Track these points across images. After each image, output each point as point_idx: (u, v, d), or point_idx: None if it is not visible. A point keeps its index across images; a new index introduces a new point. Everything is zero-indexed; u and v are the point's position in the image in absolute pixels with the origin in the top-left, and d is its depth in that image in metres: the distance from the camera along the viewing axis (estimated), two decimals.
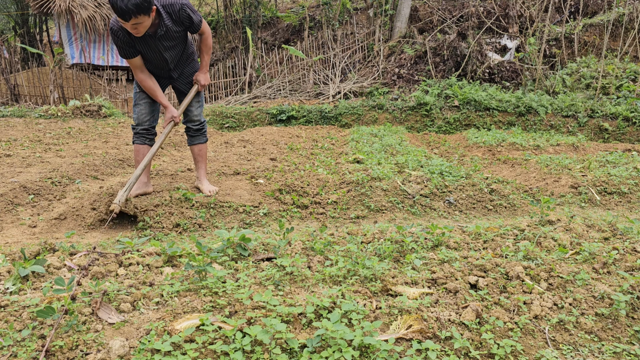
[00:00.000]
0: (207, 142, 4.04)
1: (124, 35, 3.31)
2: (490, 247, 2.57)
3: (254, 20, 13.25)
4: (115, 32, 3.30)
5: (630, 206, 4.20)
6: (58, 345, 1.54)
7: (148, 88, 3.56)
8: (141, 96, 3.72)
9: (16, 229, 3.27)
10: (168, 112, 3.62)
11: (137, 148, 3.79)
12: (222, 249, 2.38)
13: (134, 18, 3.04)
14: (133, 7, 2.98)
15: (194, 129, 3.93)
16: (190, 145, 4.00)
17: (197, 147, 3.99)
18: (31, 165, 4.94)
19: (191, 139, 3.98)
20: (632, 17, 10.63)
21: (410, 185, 4.19)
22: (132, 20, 3.06)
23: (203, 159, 4.03)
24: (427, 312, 1.82)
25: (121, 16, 3.03)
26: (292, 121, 9.24)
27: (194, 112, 3.88)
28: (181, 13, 3.37)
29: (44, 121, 8.57)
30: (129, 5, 2.96)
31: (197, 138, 3.96)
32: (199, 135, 3.96)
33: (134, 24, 3.10)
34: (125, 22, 3.08)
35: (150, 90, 3.57)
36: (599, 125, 8.20)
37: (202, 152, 4.00)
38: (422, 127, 8.88)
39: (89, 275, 2.10)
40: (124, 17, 3.03)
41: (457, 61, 10.51)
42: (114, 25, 3.30)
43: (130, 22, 3.08)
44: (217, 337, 1.58)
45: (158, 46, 3.45)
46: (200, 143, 3.98)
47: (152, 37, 3.37)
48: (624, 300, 1.91)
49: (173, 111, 3.62)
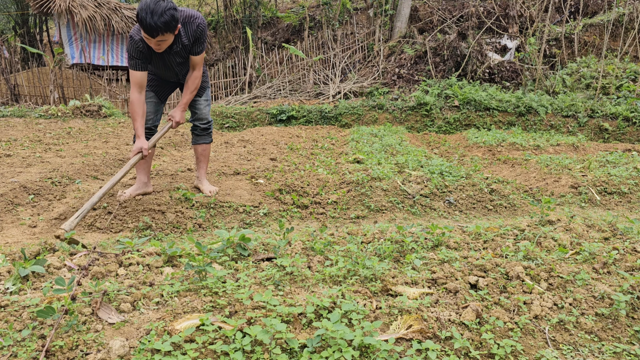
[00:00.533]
0: (211, 142, 4.05)
1: (143, 46, 3.32)
2: (490, 247, 2.57)
3: (254, 20, 13.26)
4: (135, 42, 3.30)
5: (630, 206, 4.20)
6: (58, 345, 1.54)
7: (134, 111, 3.42)
8: (147, 95, 3.72)
9: (16, 229, 3.27)
10: (138, 141, 3.40)
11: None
12: (222, 249, 2.38)
13: (161, 35, 3.09)
14: (162, 25, 3.02)
15: (200, 128, 3.94)
16: (194, 144, 4.00)
17: (202, 147, 3.99)
18: (31, 165, 4.94)
19: (196, 138, 3.98)
20: (632, 17, 10.63)
21: (410, 185, 4.19)
22: (159, 37, 3.11)
23: (205, 159, 4.03)
24: (427, 312, 1.82)
25: (149, 33, 3.06)
26: (292, 121, 9.24)
27: (202, 110, 3.88)
28: (196, 30, 3.39)
29: (44, 121, 8.57)
30: (159, 23, 3.00)
31: (202, 138, 3.97)
32: (205, 135, 3.97)
33: (159, 41, 3.15)
34: (151, 38, 3.11)
35: (133, 114, 3.42)
36: (599, 125, 8.20)
37: (205, 152, 4.01)
38: (422, 127, 8.88)
39: (89, 275, 2.10)
40: (152, 34, 3.06)
41: (457, 61, 10.51)
42: (135, 35, 3.30)
43: (156, 39, 3.12)
44: (217, 337, 1.58)
45: (171, 61, 3.50)
46: (205, 143, 3.98)
47: (167, 52, 3.41)
48: (624, 300, 1.91)
49: (143, 142, 3.41)
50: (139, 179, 3.83)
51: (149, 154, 3.79)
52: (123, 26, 12.27)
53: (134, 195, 3.72)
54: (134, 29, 3.33)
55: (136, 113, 3.43)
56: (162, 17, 3.00)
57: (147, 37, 3.13)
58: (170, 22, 3.04)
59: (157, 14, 2.98)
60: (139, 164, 3.77)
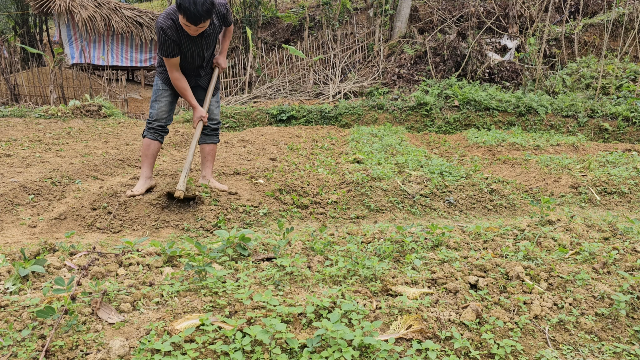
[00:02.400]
0: (218, 143, 4.13)
1: (174, 34, 3.42)
2: (490, 247, 2.57)
3: (254, 20, 13.25)
4: (165, 31, 3.39)
5: (630, 206, 4.20)
6: (58, 345, 1.54)
7: (181, 87, 3.67)
8: (164, 93, 3.80)
9: (16, 229, 3.27)
10: (197, 112, 3.75)
11: (148, 142, 3.84)
12: (222, 249, 2.38)
13: (202, 22, 3.25)
14: (205, 13, 3.20)
15: (211, 128, 4.02)
16: (202, 143, 4.06)
17: (210, 147, 4.06)
18: (31, 165, 4.94)
19: (205, 137, 4.04)
20: (632, 17, 10.63)
21: (410, 185, 4.19)
22: (200, 24, 3.26)
23: (212, 158, 4.11)
24: (427, 312, 1.82)
25: (192, 21, 3.22)
26: (292, 121, 9.24)
27: (214, 111, 3.99)
28: (222, 9, 3.60)
29: (44, 121, 8.57)
30: (202, 12, 3.18)
31: (211, 137, 4.05)
32: (214, 135, 4.06)
33: (200, 27, 3.31)
34: (193, 25, 3.26)
35: (182, 90, 3.68)
36: (599, 125, 8.20)
37: (212, 152, 4.09)
38: (422, 127, 8.88)
39: (89, 275, 2.10)
40: (195, 22, 3.22)
41: (457, 61, 10.51)
42: (164, 24, 3.39)
43: (198, 26, 3.27)
44: (217, 337, 1.58)
45: (202, 44, 3.61)
46: (213, 143, 4.07)
47: (199, 36, 3.52)
48: (624, 300, 1.91)
49: (201, 111, 3.75)
50: (145, 174, 3.89)
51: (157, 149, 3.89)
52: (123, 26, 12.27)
53: (143, 191, 3.78)
54: (162, 20, 3.41)
55: (184, 87, 3.68)
56: (205, 5, 3.18)
57: (188, 25, 3.27)
58: (211, 9, 3.23)
59: (199, 3, 3.15)
60: (148, 158, 3.85)
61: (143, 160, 3.89)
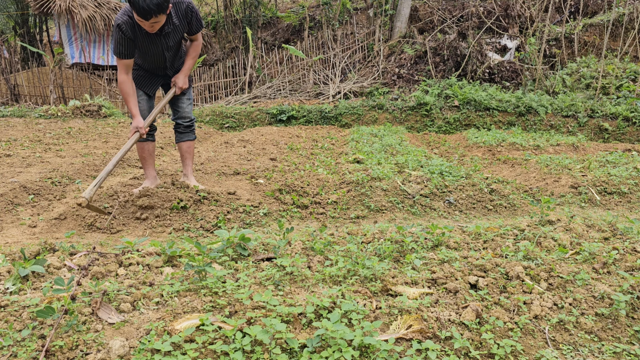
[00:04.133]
0: (195, 139, 4.08)
1: (129, 30, 3.32)
2: (490, 247, 2.57)
3: (254, 20, 13.25)
4: (120, 27, 3.30)
5: (630, 206, 4.19)
6: (58, 345, 1.54)
7: (124, 92, 3.50)
8: (138, 93, 3.73)
9: (16, 229, 3.27)
10: (135, 121, 3.48)
11: (141, 145, 3.85)
12: (222, 249, 2.38)
13: (154, 17, 3.12)
14: (155, 7, 3.06)
15: (183, 126, 3.97)
16: (178, 142, 4.03)
17: (186, 144, 4.01)
18: (31, 165, 4.94)
19: (180, 136, 4.00)
20: (632, 17, 10.63)
21: (410, 185, 4.19)
22: (152, 19, 3.14)
23: (191, 155, 4.06)
24: (427, 312, 1.82)
25: (142, 15, 3.09)
26: (292, 121, 9.24)
27: (184, 109, 3.91)
28: (187, 11, 3.46)
29: (44, 121, 8.57)
30: (151, 6, 3.05)
31: (186, 135, 4.00)
32: (189, 132, 4.00)
33: (153, 22, 3.18)
34: (145, 20, 3.15)
35: (125, 95, 3.51)
36: (599, 125, 8.20)
37: (190, 149, 4.04)
38: (422, 127, 8.88)
39: (89, 275, 2.10)
40: (145, 16, 3.10)
41: (457, 61, 10.51)
42: (120, 20, 3.31)
43: (150, 21, 3.16)
44: (217, 337, 1.58)
45: (162, 44, 3.50)
46: (189, 140, 4.02)
47: (157, 34, 3.42)
48: (624, 300, 1.91)
49: (139, 121, 3.49)
50: (150, 174, 3.91)
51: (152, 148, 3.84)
52: None
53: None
54: (119, 16, 3.33)
55: (127, 93, 3.49)
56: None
57: (141, 20, 3.16)
58: (162, 3, 3.09)
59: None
60: (146, 159, 3.84)
61: (143, 162, 3.89)
